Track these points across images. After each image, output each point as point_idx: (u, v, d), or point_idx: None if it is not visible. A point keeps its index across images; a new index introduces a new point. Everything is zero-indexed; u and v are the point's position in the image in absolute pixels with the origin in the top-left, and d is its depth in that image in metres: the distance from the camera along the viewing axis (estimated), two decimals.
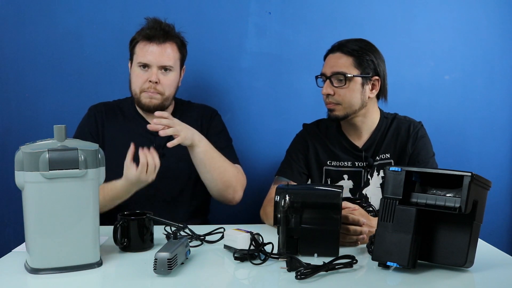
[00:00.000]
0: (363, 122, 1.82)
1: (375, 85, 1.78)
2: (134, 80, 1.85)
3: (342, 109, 1.77)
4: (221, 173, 1.79)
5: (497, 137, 2.36)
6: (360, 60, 1.74)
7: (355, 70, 1.75)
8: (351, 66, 1.75)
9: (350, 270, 1.28)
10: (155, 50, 1.82)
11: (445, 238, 1.28)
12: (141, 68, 1.83)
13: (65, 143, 1.25)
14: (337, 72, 1.75)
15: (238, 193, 1.84)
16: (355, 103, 1.76)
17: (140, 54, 1.83)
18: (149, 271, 1.24)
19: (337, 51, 1.78)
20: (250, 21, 2.26)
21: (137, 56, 1.84)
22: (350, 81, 1.74)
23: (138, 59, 1.83)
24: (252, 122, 2.30)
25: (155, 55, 1.82)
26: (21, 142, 1.28)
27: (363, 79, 1.75)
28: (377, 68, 1.76)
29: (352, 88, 1.75)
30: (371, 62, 1.75)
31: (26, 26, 2.19)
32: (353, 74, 1.74)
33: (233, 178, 1.82)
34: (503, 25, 2.31)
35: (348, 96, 1.75)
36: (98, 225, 1.31)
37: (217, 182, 1.79)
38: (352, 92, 1.75)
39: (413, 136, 1.81)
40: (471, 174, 1.20)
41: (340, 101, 1.76)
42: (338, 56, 1.77)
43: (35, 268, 1.24)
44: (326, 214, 1.37)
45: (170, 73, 1.85)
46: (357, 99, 1.76)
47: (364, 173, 1.82)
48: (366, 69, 1.75)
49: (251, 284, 1.26)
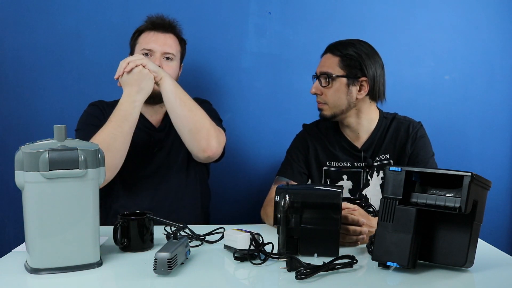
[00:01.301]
0: (358, 123, 1.82)
1: (364, 86, 1.77)
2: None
3: (329, 108, 1.79)
4: (191, 110, 1.74)
5: (497, 137, 2.36)
6: (346, 61, 1.75)
7: (340, 70, 1.75)
8: (336, 67, 1.76)
9: (350, 270, 1.28)
10: (159, 37, 1.87)
11: (445, 238, 1.28)
12: (144, 55, 1.82)
13: (65, 143, 1.25)
14: (323, 72, 1.77)
15: (212, 141, 1.75)
16: (341, 103, 1.77)
17: (144, 41, 1.86)
18: (149, 271, 1.24)
19: (328, 51, 1.81)
20: (250, 21, 2.26)
21: (140, 44, 1.87)
22: (334, 81, 1.76)
23: (142, 46, 1.86)
24: (252, 122, 2.30)
25: (159, 42, 1.86)
26: (21, 142, 1.28)
27: (349, 80, 1.75)
28: (364, 70, 1.75)
29: (336, 88, 1.76)
30: (358, 63, 1.75)
31: (26, 26, 2.20)
32: (337, 74, 1.75)
33: (206, 120, 1.75)
34: (503, 25, 2.32)
35: (333, 96, 1.77)
36: (98, 225, 1.31)
37: (187, 119, 1.73)
38: (336, 92, 1.76)
39: (413, 136, 1.81)
40: (471, 174, 1.20)
41: (326, 101, 1.78)
42: (327, 57, 1.79)
43: (35, 268, 1.24)
44: (326, 214, 1.37)
45: (172, 62, 1.88)
46: (342, 99, 1.76)
47: (364, 173, 1.82)
48: (352, 70, 1.75)
49: (251, 284, 1.26)
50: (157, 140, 1.87)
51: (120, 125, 1.67)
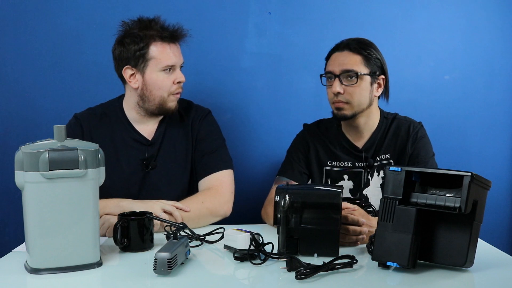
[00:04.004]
0: (365, 122, 1.82)
1: (381, 84, 1.78)
2: (161, 85, 1.75)
3: (351, 108, 1.76)
4: (198, 219, 1.69)
5: (497, 137, 2.36)
6: (368, 58, 1.75)
7: (365, 68, 1.75)
8: (361, 65, 1.74)
9: (350, 270, 1.28)
10: (175, 50, 1.78)
11: (445, 238, 1.28)
12: (165, 72, 1.76)
13: (65, 143, 1.25)
14: (347, 70, 1.74)
15: (221, 213, 1.75)
16: (364, 102, 1.76)
17: (165, 58, 1.74)
18: (149, 271, 1.24)
19: (344, 49, 1.77)
20: (250, 21, 2.26)
21: (157, 60, 1.74)
22: (361, 79, 1.74)
23: (163, 62, 1.74)
24: (252, 122, 2.30)
25: (177, 55, 1.78)
26: (21, 142, 1.28)
27: (372, 78, 1.76)
28: (383, 67, 1.77)
29: (362, 86, 1.74)
30: (377, 60, 1.76)
31: (26, 26, 2.19)
32: (363, 72, 1.74)
33: (207, 211, 1.71)
34: (503, 25, 2.32)
35: (358, 94, 1.74)
36: (98, 225, 1.31)
37: (200, 224, 1.70)
38: (362, 91, 1.75)
39: (413, 137, 1.81)
40: (471, 174, 1.20)
41: (350, 100, 1.75)
42: (347, 54, 1.76)
43: (35, 268, 1.24)
44: (326, 214, 1.37)
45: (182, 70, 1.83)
46: (366, 97, 1.76)
47: (364, 173, 1.82)
48: (373, 68, 1.76)
49: (251, 284, 1.26)
50: (150, 157, 1.80)
51: None
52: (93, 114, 1.86)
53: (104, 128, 1.83)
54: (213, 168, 1.81)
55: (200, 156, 1.83)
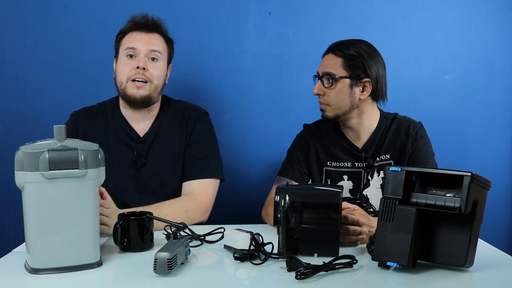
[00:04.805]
0: (360, 123, 1.82)
1: (367, 86, 1.76)
2: (120, 69, 1.78)
3: (331, 110, 1.78)
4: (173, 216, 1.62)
5: (497, 137, 2.36)
6: (349, 61, 1.74)
7: (343, 71, 1.74)
8: (340, 68, 1.75)
9: (350, 270, 1.28)
10: (143, 37, 1.78)
11: (445, 238, 1.28)
12: (128, 57, 1.77)
13: (65, 143, 1.25)
14: (326, 73, 1.76)
15: (198, 221, 1.73)
16: (344, 104, 1.76)
17: (127, 42, 1.78)
18: (149, 271, 1.24)
19: (330, 52, 1.79)
20: (250, 21, 2.26)
21: (123, 45, 1.79)
22: (337, 82, 1.74)
23: (125, 45, 1.78)
24: (252, 122, 2.30)
25: (143, 41, 1.77)
26: (21, 142, 1.28)
27: (352, 81, 1.75)
28: (367, 70, 1.75)
29: (339, 89, 1.75)
30: (361, 64, 1.74)
31: (26, 26, 2.20)
32: (341, 75, 1.74)
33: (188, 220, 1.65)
34: (503, 25, 2.32)
35: (336, 97, 1.75)
36: (98, 225, 1.31)
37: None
38: (339, 94, 1.75)
39: (413, 137, 1.81)
40: (471, 174, 1.20)
41: (329, 102, 1.77)
42: (330, 57, 1.78)
43: (35, 268, 1.24)
44: (326, 214, 1.37)
45: (158, 62, 1.79)
46: (345, 100, 1.76)
47: (364, 174, 1.82)
48: (355, 71, 1.74)
49: (251, 284, 1.26)
50: (140, 154, 1.79)
51: None
52: (90, 110, 1.88)
53: (98, 124, 1.84)
54: (199, 174, 1.80)
55: (188, 159, 1.83)
